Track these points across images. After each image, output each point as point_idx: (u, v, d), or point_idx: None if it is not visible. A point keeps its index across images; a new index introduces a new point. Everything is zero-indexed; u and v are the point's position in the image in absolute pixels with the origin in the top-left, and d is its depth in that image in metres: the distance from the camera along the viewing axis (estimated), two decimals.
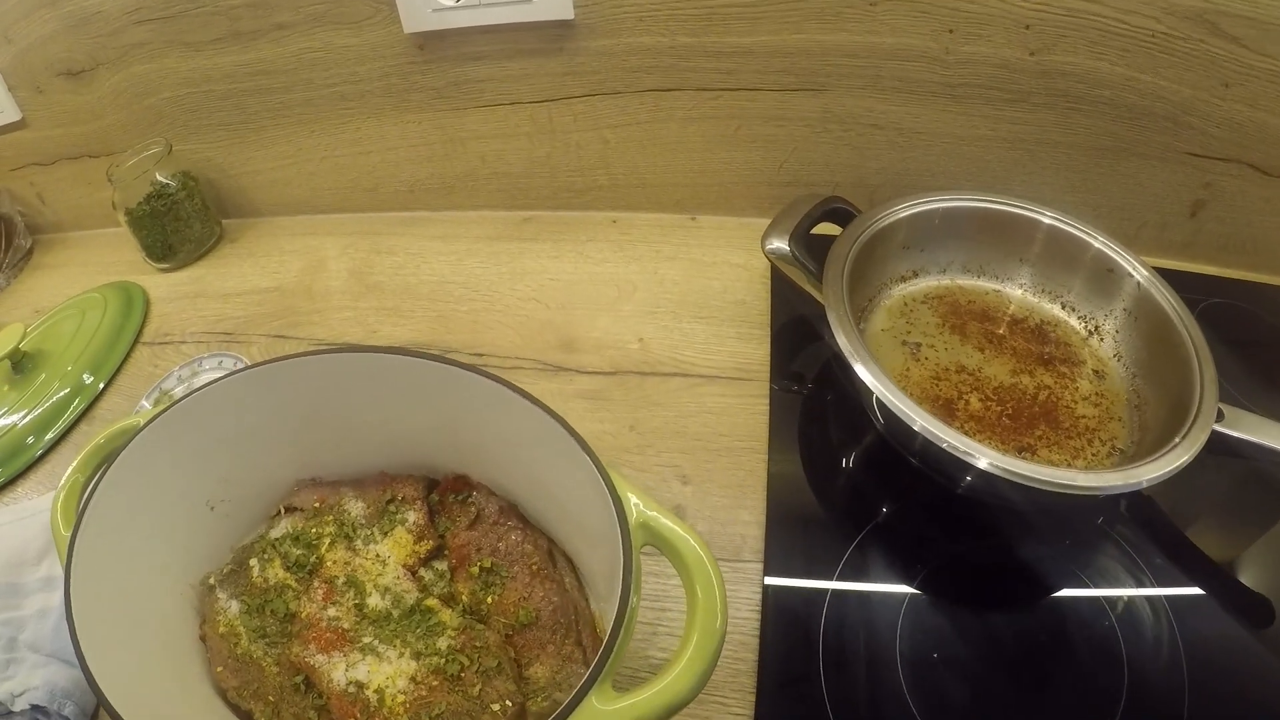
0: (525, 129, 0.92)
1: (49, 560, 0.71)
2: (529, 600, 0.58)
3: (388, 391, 0.63)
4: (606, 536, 0.51)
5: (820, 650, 0.60)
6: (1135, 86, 0.78)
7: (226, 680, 0.56)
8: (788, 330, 0.83)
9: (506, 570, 0.61)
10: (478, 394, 0.60)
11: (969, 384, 0.74)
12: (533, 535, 0.63)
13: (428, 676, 0.55)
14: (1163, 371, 0.71)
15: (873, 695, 0.58)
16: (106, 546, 0.55)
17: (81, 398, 0.88)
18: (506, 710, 0.53)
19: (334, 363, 0.63)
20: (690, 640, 0.45)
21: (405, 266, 0.95)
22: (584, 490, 0.54)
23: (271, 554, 0.63)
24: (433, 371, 0.61)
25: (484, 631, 0.57)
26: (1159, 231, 0.87)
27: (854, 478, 0.74)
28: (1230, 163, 0.81)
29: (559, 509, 0.62)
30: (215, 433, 0.63)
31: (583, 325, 0.85)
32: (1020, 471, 0.59)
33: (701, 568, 0.47)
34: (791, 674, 0.59)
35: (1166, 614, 0.62)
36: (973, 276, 0.83)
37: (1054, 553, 0.67)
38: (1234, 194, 0.83)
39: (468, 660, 0.55)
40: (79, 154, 1.07)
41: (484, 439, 0.63)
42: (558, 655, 0.56)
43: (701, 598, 0.46)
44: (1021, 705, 0.58)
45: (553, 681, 0.55)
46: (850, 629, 0.62)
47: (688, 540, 0.49)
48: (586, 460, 0.53)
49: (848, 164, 0.88)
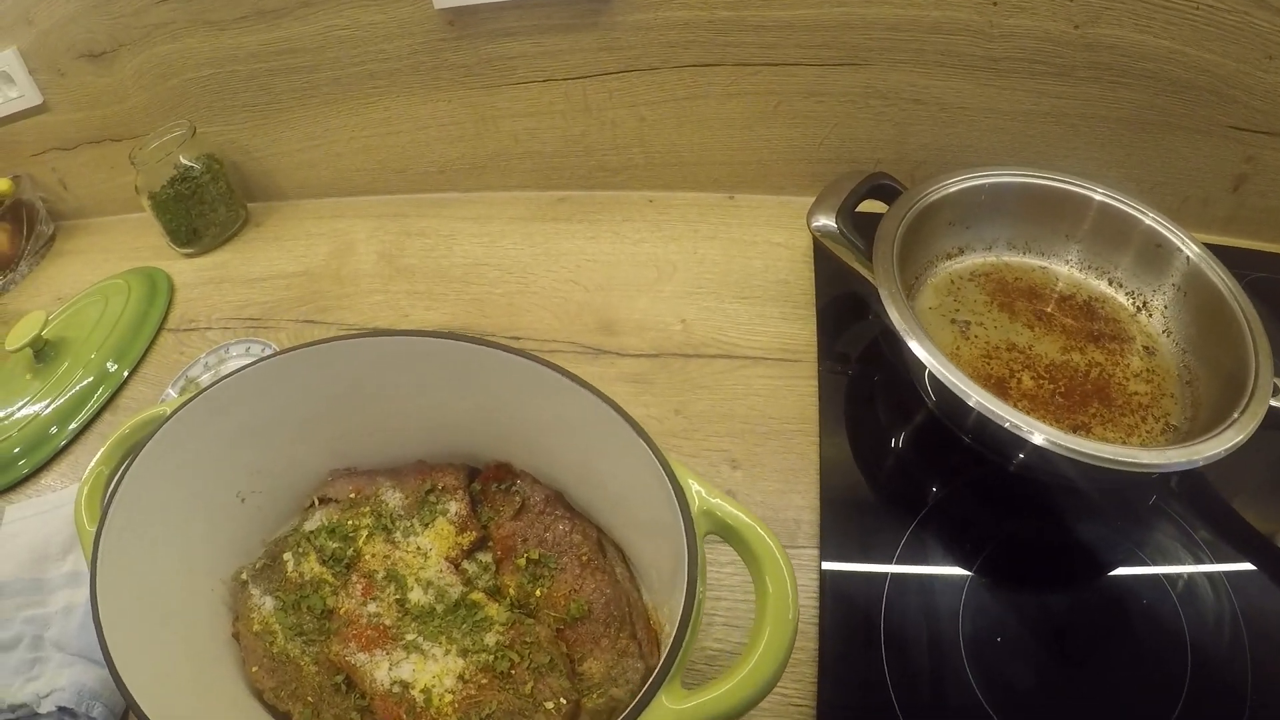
0: (559, 106, 0.90)
1: (74, 555, 0.70)
2: (580, 592, 0.57)
3: (427, 376, 0.62)
4: (664, 525, 0.50)
5: (882, 635, 0.59)
6: (1179, 60, 0.77)
7: (262, 680, 0.54)
8: (832, 309, 0.82)
9: (555, 561, 0.59)
10: (524, 378, 0.58)
11: (1020, 362, 0.73)
12: (581, 525, 0.61)
13: (476, 674, 0.53)
14: (1214, 347, 0.70)
15: (936, 679, 0.58)
16: (133, 542, 0.53)
17: (105, 386, 0.87)
18: (561, 708, 0.51)
19: (370, 346, 0.61)
20: (763, 633, 0.43)
21: (437, 249, 0.94)
22: (638, 477, 0.53)
23: (306, 547, 0.61)
24: (476, 355, 0.59)
25: (534, 626, 0.55)
26: (1202, 206, 0.86)
27: (906, 458, 0.73)
28: (1273, 136, 0.80)
29: (608, 497, 0.60)
30: (245, 421, 0.61)
31: (622, 307, 0.83)
32: (1081, 449, 0.58)
33: (771, 557, 0.46)
34: (852, 659, 0.58)
35: (1226, 590, 0.62)
36: (1018, 253, 0.82)
37: (1110, 531, 0.66)
38: (1277, 168, 0.82)
39: (518, 656, 0.53)
40: (101, 138, 1.06)
41: (529, 425, 0.61)
42: (612, 649, 0.54)
43: (772, 588, 0.45)
44: (1087, 684, 0.58)
45: (608, 677, 0.53)
46: (912, 613, 0.61)
47: (754, 528, 0.47)
48: (642, 446, 0.52)
49: (889, 140, 0.87)
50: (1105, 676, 0.58)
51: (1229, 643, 0.59)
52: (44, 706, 0.60)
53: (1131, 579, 0.63)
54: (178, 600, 0.56)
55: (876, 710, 0.56)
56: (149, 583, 0.54)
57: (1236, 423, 0.61)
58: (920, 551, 0.64)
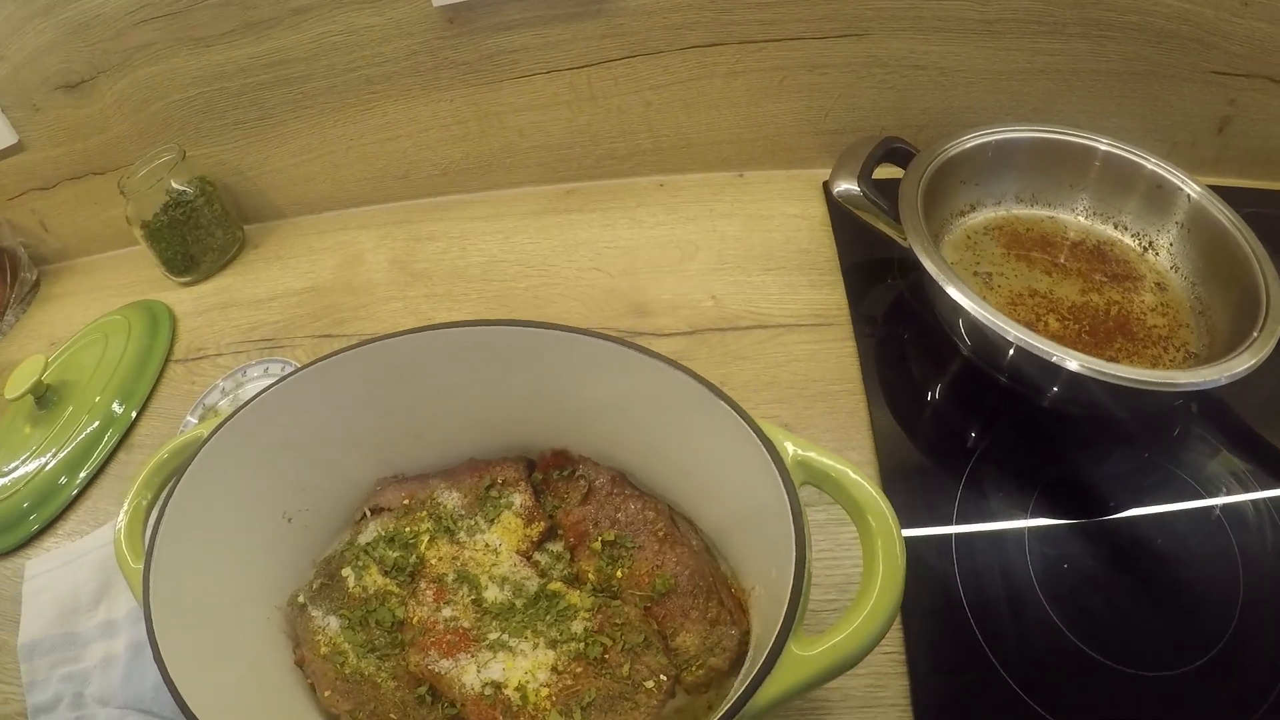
0: (564, 97, 0.90)
1: (106, 603, 0.67)
2: (663, 568, 0.57)
3: (478, 369, 0.61)
4: (752, 486, 0.50)
5: (960, 588, 0.61)
6: (1162, 10, 0.80)
7: (338, 705, 0.52)
8: (855, 273, 0.83)
9: (631, 540, 0.59)
10: (584, 357, 0.58)
11: (1044, 306, 0.75)
12: (651, 501, 0.61)
13: (570, 664, 0.52)
14: (1223, 277, 0.74)
15: (1019, 622, 0.59)
16: (184, 575, 0.51)
17: (114, 429, 0.83)
18: (661, 685, 0.51)
19: (417, 343, 0.60)
20: (875, 572, 0.43)
21: (449, 250, 0.93)
22: (720, 441, 0.53)
23: (366, 560, 0.60)
24: (535, 339, 0.59)
25: (621, 607, 0.55)
26: (1190, 150, 0.89)
27: (946, 409, 0.75)
28: (1252, 78, 0.84)
29: (676, 469, 0.60)
30: (286, 436, 0.59)
31: (650, 289, 0.84)
32: (1118, 374, 0.61)
33: (871, 499, 0.46)
34: (936, 613, 0.59)
35: (1266, 507, 0.65)
36: (1026, 205, 0.84)
37: (1146, 457, 0.70)
38: (1257, 108, 0.86)
39: (609, 640, 0.53)
40: (83, 172, 1.02)
41: (587, 406, 0.61)
42: (703, 620, 0.54)
43: (876, 526, 0.45)
44: (1151, 602, 0.61)
45: (704, 648, 0.53)
46: (982, 565, 0.62)
47: (849, 474, 0.47)
48: (724, 408, 0.52)
49: (892, 107, 0.89)
50: (1167, 592, 0.61)
51: (1273, 552, 0.62)
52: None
53: (1173, 498, 0.66)
54: (237, 632, 0.54)
55: (971, 664, 0.57)
56: (205, 617, 0.51)
57: (1256, 341, 0.64)
58: (977, 505, 0.66)
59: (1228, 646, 0.56)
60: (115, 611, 0.66)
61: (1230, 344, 0.67)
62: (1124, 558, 0.63)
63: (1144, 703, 0.55)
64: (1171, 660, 0.56)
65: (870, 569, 0.44)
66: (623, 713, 0.50)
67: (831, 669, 0.41)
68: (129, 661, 0.63)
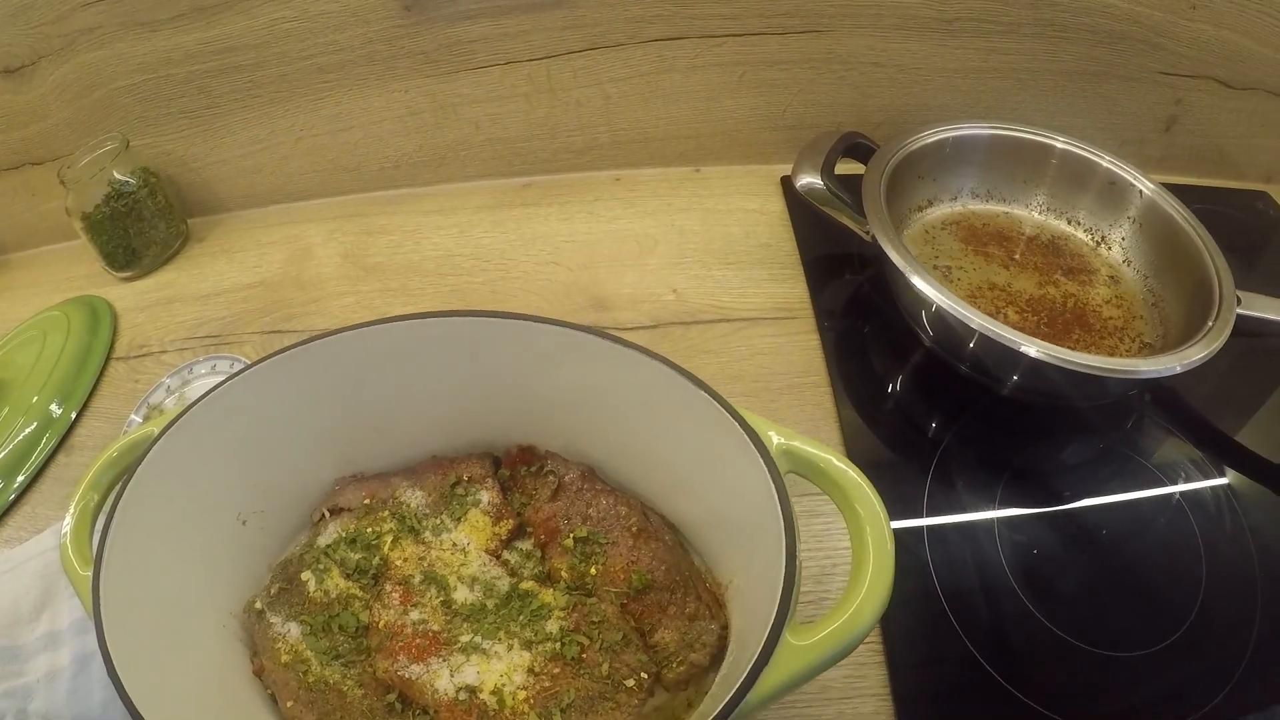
0: (523, 89, 0.89)
1: (49, 613, 0.62)
2: (638, 563, 0.55)
3: (436, 362, 0.59)
4: (733, 476, 0.49)
5: (934, 578, 0.61)
6: (1113, 12, 0.83)
7: (301, 716, 0.50)
8: (816, 267, 0.84)
9: (604, 536, 0.57)
10: (551, 347, 0.56)
11: (1003, 299, 0.76)
12: (623, 496, 0.59)
13: (546, 665, 0.51)
14: (1176, 270, 0.76)
15: (992, 607, 0.60)
16: (135, 581, 0.48)
17: (52, 432, 0.78)
18: (642, 683, 0.50)
19: (368, 338, 0.57)
20: (866, 560, 0.42)
21: (403, 245, 0.91)
22: (698, 432, 0.52)
23: (326, 563, 0.57)
24: (494, 329, 0.57)
25: (597, 604, 0.53)
26: (1138, 148, 0.92)
27: (909, 401, 0.76)
28: (1198, 79, 0.87)
29: (648, 463, 0.59)
30: (240, 434, 0.56)
31: (610, 283, 0.83)
32: (1078, 361, 0.62)
33: (856, 485, 0.45)
34: (911, 603, 0.59)
35: (1225, 494, 0.67)
36: (982, 201, 0.86)
37: (1105, 447, 0.72)
38: (1203, 108, 0.89)
39: (586, 639, 0.51)
40: (19, 163, 0.98)
41: (554, 399, 0.60)
42: (681, 615, 0.53)
43: (864, 513, 0.44)
44: (1121, 584, 0.62)
45: (684, 643, 0.52)
46: (955, 555, 0.63)
47: (833, 461, 0.47)
48: (703, 397, 0.51)
49: (850, 104, 0.89)
50: (1133, 574, 0.62)
51: (1231, 531, 0.65)
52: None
53: (1135, 484, 0.68)
54: (191, 641, 0.51)
55: (948, 651, 0.57)
56: (159, 626, 0.48)
57: (1212, 330, 0.66)
58: (946, 495, 0.67)
59: (1195, 623, 0.58)
60: (59, 622, 0.62)
61: (1185, 334, 0.69)
62: (1091, 543, 0.64)
63: (1117, 683, 0.56)
64: (1142, 640, 0.57)
65: (860, 556, 0.43)
66: (604, 713, 0.49)
67: (830, 656, 0.40)
68: (74, 675, 0.59)
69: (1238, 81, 0.87)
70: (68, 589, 0.62)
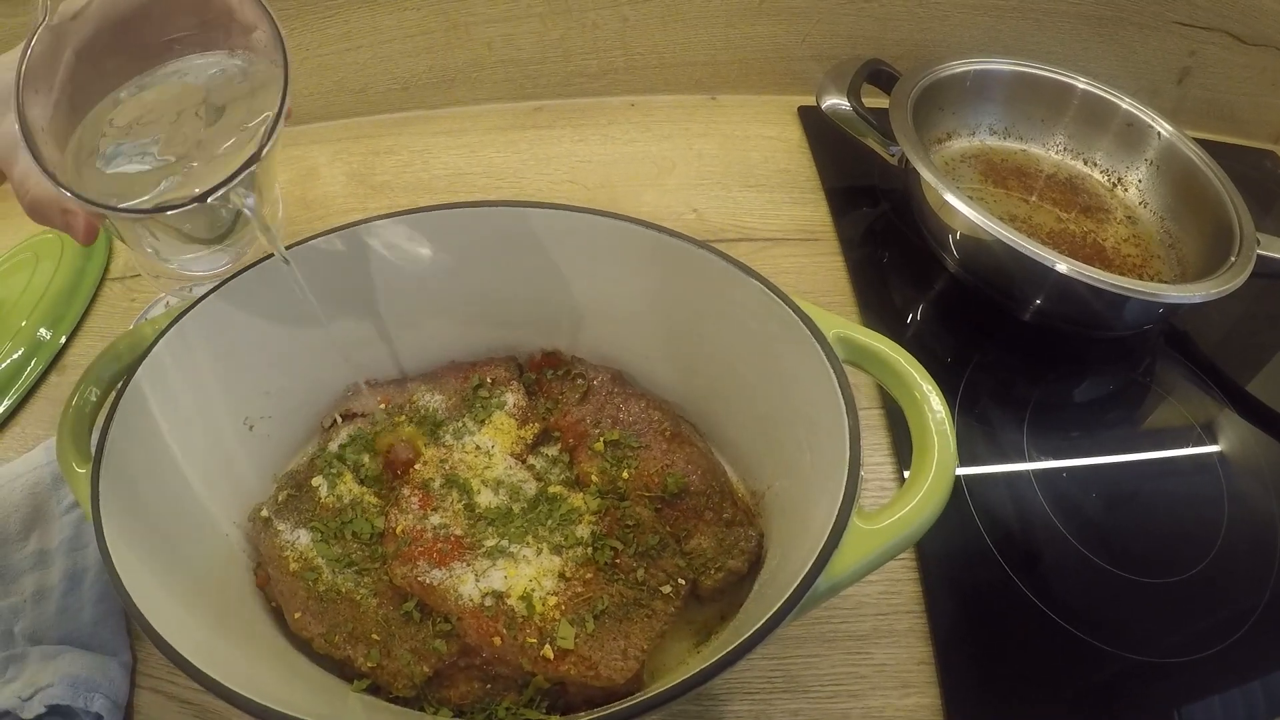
0: (538, 9, 0.86)
1: (38, 533, 0.59)
2: (673, 466, 0.53)
3: (467, 259, 0.56)
4: (778, 368, 0.48)
5: (968, 497, 0.60)
6: None
7: (309, 627, 0.47)
8: (837, 194, 0.82)
9: (636, 440, 0.55)
10: (586, 239, 0.54)
11: (1025, 231, 0.75)
12: (655, 400, 0.58)
13: (578, 570, 0.48)
14: (1193, 212, 0.76)
15: (1025, 527, 0.59)
16: (138, 481, 0.45)
17: (39, 358, 0.74)
18: (680, 590, 0.48)
19: (386, 232, 0.55)
20: (929, 445, 0.41)
21: (412, 164, 0.88)
22: (747, 323, 0.51)
23: (339, 467, 0.54)
24: (523, 220, 0.54)
25: (631, 508, 0.51)
26: (1150, 98, 0.91)
27: (932, 328, 0.75)
28: (1213, 31, 0.87)
29: (683, 368, 0.57)
30: (252, 333, 0.53)
31: (629, 202, 0.81)
32: (1107, 280, 0.63)
33: (916, 373, 0.44)
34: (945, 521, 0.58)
35: (1247, 428, 0.68)
36: (1000, 138, 0.85)
37: (1130, 378, 0.72)
38: (1216, 62, 0.90)
39: (620, 544, 0.49)
40: None
41: (588, 298, 0.58)
42: (718, 521, 0.51)
43: (923, 399, 0.43)
44: (1144, 508, 0.62)
45: (720, 549, 0.50)
46: (988, 477, 0.62)
47: (886, 350, 0.45)
48: (755, 285, 0.50)
49: (869, 36, 0.88)
50: (1159, 496, 0.63)
51: (1251, 466, 0.65)
52: (29, 710, 0.49)
53: (1157, 417, 0.69)
54: (195, 550, 0.48)
55: (984, 572, 0.57)
56: (162, 531, 0.45)
57: (1234, 265, 0.66)
58: (976, 416, 0.66)
59: (1218, 555, 0.58)
60: (48, 541, 0.59)
61: (1202, 273, 0.69)
62: (1117, 470, 0.64)
63: (1140, 605, 0.56)
64: (1168, 568, 0.57)
65: (923, 441, 0.42)
66: (639, 620, 0.46)
67: (899, 541, 0.39)
68: (64, 594, 0.56)
69: (1251, 37, 0.87)
70: (59, 506, 0.59)
